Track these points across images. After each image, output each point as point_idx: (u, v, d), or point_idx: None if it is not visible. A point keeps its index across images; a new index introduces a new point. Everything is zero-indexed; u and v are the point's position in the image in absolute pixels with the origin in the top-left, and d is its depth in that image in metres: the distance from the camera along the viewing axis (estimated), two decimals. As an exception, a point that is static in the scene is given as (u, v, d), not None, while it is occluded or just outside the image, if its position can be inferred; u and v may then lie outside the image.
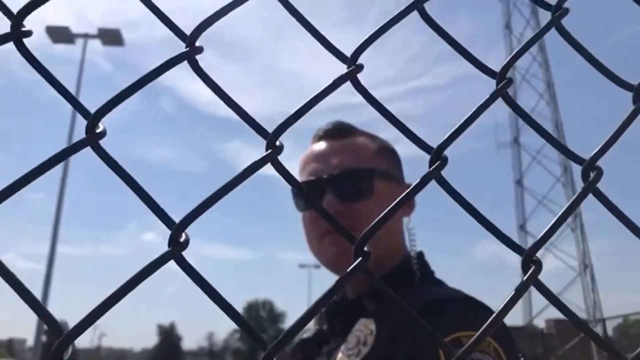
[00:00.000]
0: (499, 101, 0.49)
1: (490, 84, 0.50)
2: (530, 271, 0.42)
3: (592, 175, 0.47)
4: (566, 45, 0.53)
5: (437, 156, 0.44)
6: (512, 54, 0.50)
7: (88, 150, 0.41)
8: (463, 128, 0.46)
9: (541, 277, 0.43)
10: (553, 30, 0.52)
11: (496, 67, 0.49)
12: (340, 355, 0.90)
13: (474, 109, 0.46)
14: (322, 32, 0.48)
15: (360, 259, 0.40)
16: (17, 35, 0.41)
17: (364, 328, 0.89)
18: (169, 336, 56.72)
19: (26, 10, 0.42)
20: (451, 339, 0.74)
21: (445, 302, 0.85)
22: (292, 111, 0.44)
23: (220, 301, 0.37)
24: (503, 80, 0.48)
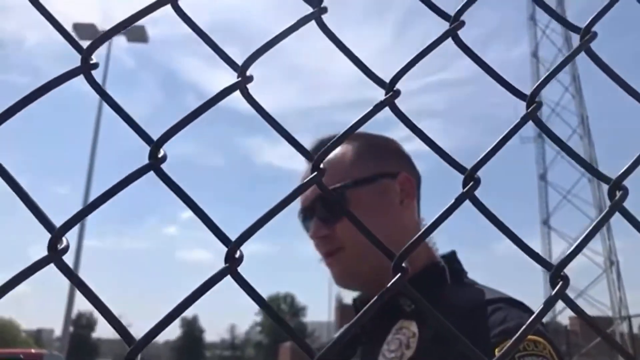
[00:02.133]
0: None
1: (513, 77, 0.52)
2: (558, 287, 0.44)
3: (618, 194, 0.49)
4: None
5: (471, 177, 0.47)
6: (542, 78, 0.52)
7: (101, 143, 0.45)
8: (495, 151, 0.48)
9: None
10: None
11: (520, 59, 0.52)
12: (381, 358, 0.89)
13: (504, 133, 0.49)
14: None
15: (399, 275, 0.43)
16: (87, 68, 0.45)
17: (406, 330, 0.88)
18: (191, 328, 57.49)
19: (94, 45, 0.46)
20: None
21: (493, 304, 0.84)
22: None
23: (272, 314, 0.41)
24: (533, 104, 0.51)
